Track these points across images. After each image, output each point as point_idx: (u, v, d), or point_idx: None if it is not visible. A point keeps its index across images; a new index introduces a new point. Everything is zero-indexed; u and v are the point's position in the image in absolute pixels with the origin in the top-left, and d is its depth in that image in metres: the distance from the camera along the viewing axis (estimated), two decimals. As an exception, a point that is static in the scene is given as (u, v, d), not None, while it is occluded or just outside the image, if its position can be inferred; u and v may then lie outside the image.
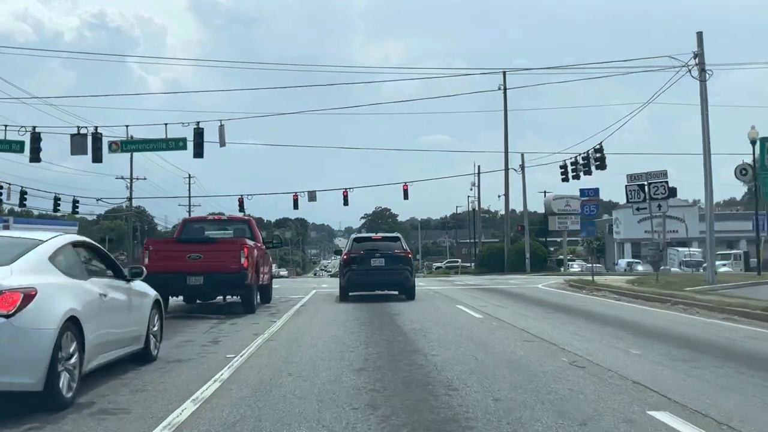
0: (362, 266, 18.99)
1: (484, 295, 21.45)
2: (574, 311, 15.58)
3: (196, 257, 14.70)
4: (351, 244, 19.69)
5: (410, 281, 19.26)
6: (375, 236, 20.38)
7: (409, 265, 19.22)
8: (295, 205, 56.01)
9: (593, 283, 24.62)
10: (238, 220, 18.71)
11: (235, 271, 14.72)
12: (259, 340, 10.72)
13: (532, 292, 23.44)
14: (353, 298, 19.78)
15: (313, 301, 20.04)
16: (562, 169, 45.31)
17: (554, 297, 20.60)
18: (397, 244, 19.60)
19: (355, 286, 19.26)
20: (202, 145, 28.12)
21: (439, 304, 17.95)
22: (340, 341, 10.53)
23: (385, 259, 19.04)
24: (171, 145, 28.59)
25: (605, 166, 38.50)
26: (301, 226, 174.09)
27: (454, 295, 21.90)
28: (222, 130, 27.97)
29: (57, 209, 51.32)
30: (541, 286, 26.98)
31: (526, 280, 35.43)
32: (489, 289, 25.47)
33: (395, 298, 20.12)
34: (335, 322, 13.50)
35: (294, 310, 16.42)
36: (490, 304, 17.51)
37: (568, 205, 59.17)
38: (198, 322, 13.62)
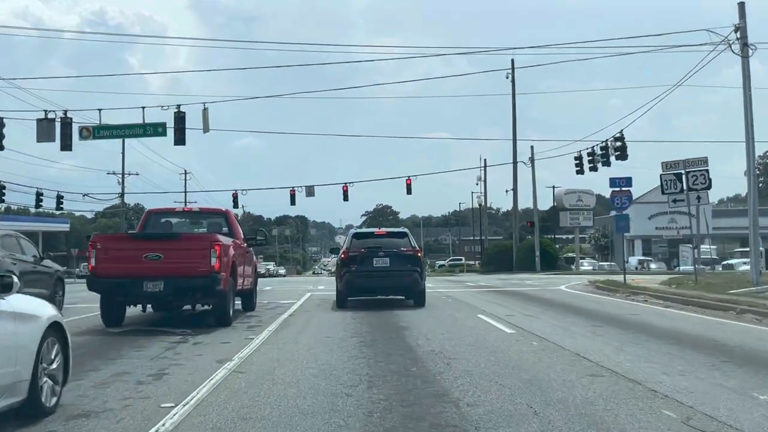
0: (363, 267, 16.04)
1: (504, 300, 18.48)
2: (626, 324, 12.60)
3: (155, 257, 11.74)
4: (350, 240, 16.72)
5: (420, 285, 16.30)
6: (378, 231, 17.39)
7: (418, 265, 16.26)
8: (292, 201, 53.27)
9: (626, 286, 21.64)
10: (213, 212, 15.73)
11: (204, 274, 11.78)
12: (221, 373, 7.77)
13: (557, 295, 20.47)
14: (353, 303, 16.84)
15: (306, 307, 17.07)
16: (576, 161, 42.37)
17: (588, 303, 17.62)
18: (404, 240, 16.63)
19: (355, 291, 16.31)
20: (183, 131, 25.16)
21: (455, 312, 14.97)
22: (332, 375, 7.57)
23: (391, 258, 16.08)
24: (149, 131, 25.63)
25: (626, 156, 35.52)
26: (301, 224, 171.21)
27: (470, 299, 18.94)
28: (206, 115, 24.99)
29: (39, 205, 48.38)
30: (564, 288, 24.01)
31: (542, 280, 32.43)
32: (506, 292, 22.50)
33: (402, 303, 17.18)
34: (328, 341, 10.53)
35: (280, 321, 13.47)
36: (516, 313, 14.55)
37: (580, 200, 56.24)
38: (151, 341, 10.65)
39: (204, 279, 11.78)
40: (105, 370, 8.08)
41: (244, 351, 9.45)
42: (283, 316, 14.69)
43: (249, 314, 15.22)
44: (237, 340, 10.76)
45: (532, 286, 26.30)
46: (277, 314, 15.10)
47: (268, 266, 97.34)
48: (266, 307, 17.13)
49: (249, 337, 10.98)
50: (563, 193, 56.38)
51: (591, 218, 60.31)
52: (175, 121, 25.12)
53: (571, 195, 55.95)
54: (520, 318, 13.52)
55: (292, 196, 52.99)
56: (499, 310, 15.16)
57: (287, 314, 15.08)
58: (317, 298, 20.35)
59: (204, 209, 15.46)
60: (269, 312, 15.73)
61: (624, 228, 23.19)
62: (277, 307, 17.31)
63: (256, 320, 13.87)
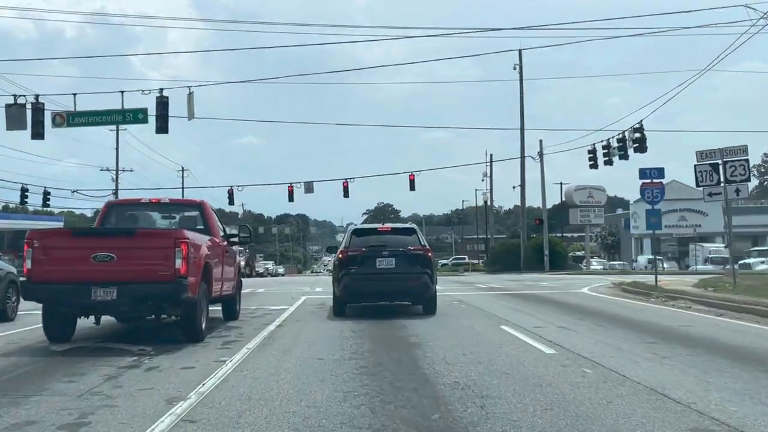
0: (364, 269, 13.76)
1: (525, 306, 16.18)
2: (687, 340, 10.29)
3: (106, 258, 9.44)
4: (349, 238, 14.41)
5: (431, 290, 14.01)
6: (382, 228, 15.05)
7: (428, 267, 13.97)
8: (291, 197, 51.09)
9: (659, 289, 19.33)
10: (187, 204, 13.40)
11: (167, 278, 9.50)
12: (166, 421, 5.50)
13: (584, 300, 18.17)
14: (352, 310, 14.57)
15: (298, 315, 14.77)
16: (590, 154, 40.09)
17: (625, 310, 15.29)
18: (412, 238, 14.32)
19: (355, 297, 14.02)
20: (166, 118, 22.86)
21: (472, 323, 12.66)
22: (319, 428, 5.28)
23: (397, 258, 13.79)
24: (128, 118, 23.34)
25: (646, 149, 33.26)
26: (302, 223, 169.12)
27: (485, 305, 16.63)
28: (191, 99, 22.71)
29: (24, 202, 46.12)
30: (587, 291, 21.71)
31: (558, 281, 30.09)
32: (524, 296, 20.20)
33: (409, 310, 14.92)
34: (320, 365, 8.24)
35: (265, 335, 11.18)
36: (546, 323, 12.25)
37: (591, 197, 53.94)
38: (95, 364, 8.36)
39: (167, 285, 9.49)
40: (5, 417, 5.79)
41: (207, 382, 7.17)
42: (269, 327, 12.39)
43: (230, 324, 12.93)
44: (204, 362, 8.47)
45: (549, 288, 23.99)
46: (264, 324, 12.81)
47: (267, 265, 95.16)
48: (252, 315, 14.84)
49: (221, 359, 8.70)
50: (573, 190, 54.02)
51: (602, 215, 57.96)
52: (157, 107, 22.84)
53: (582, 191, 53.60)
54: (554, 331, 11.22)
55: (291, 192, 50.88)
56: (525, 320, 12.85)
57: (275, 324, 12.79)
58: (313, 303, 18.07)
59: (175, 201, 13.09)
60: (254, 321, 13.44)
61: (656, 225, 20.89)
62: (265, 314, 15.02)
63: (236, 333, 11.57)
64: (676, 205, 77.91)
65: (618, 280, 25.14)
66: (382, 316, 14.12)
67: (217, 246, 12.01)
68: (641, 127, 32.98)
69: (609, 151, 37.15)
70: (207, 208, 12.31)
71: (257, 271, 79.39)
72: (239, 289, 14.24)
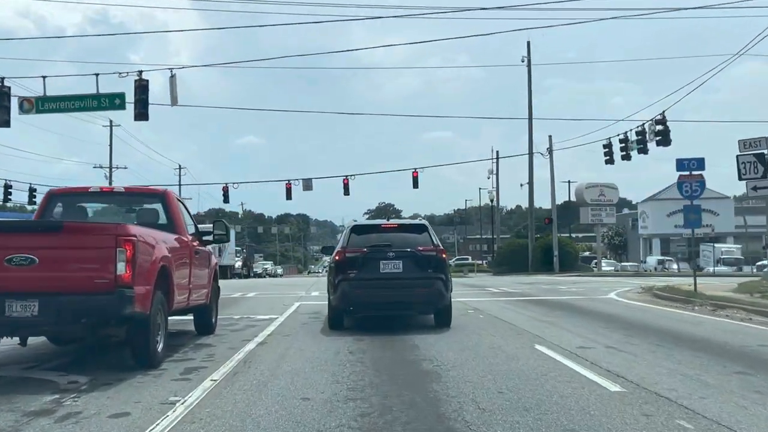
0: (365, 274, 11.44)
1: (554, 317, 13.85)
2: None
3: (25, 261, 7.13)
4: (347, 236, 12.07)
5: (445, 298, 11.70)
6: (386, 224, 12.66)
7: (442, 271, 11.66)
8: (288, 195, 48.73)
9: (699, 295, 17.00)
10: (145, 193, 10.97)
11: (105, 288, 7.20)
12: None
13: (621, 309, 15.83)
14: (351, 321, 12.29)
15: (287, 328, 12.43)
16: (605, 149, 37.76)
17: (679, 323, 12.94)
18: (422, 236, 11.99)
19: (354, 307, 11.69)
20: (146, 104, 20.53)
21: (499, 340, 10.32)
22: None
23: (404, 261, 11.46)
24: (104, 104, 21.02)
25: (669, 141, 30.84)
26: (302, 222, 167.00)
27: (506, 314, 14.31)
28: (173, 83, 20.38)
29: (8, 199, 43.84)
30: (615, 297, 19.38)
31: (576, 285, 27.70)
32: (547, 303, 17.87)
33: (419, 321, 12.64)
34: (304, 410, 5.94)
35: (240, 358, 8.88)
36: (591, 342, 9.94)
37: (603, 195, 51.61)
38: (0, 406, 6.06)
39: (104, 297, 7.18)
40: None
41: (135, 445, 4.86)
42: (248, 345, 10.07)
43: (201, 341, 10.62)
44: (148, 404, 6.18)
45: (570, 293, 21.66)
46: (243, 341, 10.50)
47: (265, 266, 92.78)
48: (233, 327, 12.53)
49: (171, 399, 6.41)
50: (584, 188, 51.64)
51: (614, 214, 55.59)
52: (136, 91, 20.52)
53: (593, 189, 51.24)
54: (604, 354, 8.90)
55: (288, 189, 48.52)
56: (562, 337, 10.53)
57: (256, 342, 10.47)
58: (306, 311, 15.76)
59: (132, 189, 10.66)
60: (232, 337, 11.12)
61: (695, 222, 18.58)
62: (248, 327, 12.71)
63: (205, 354, 9.26)
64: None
65: (646, 284, 22.81)
66: (386, 329, 11.83)
67: (184, 246, 9.70)
68: (664, 118, 30.60)
69: (626, 145, 34.80)
70: (171, 199, 9.97)
71: (255, 271, 77.19)
72: (216, 296, 11.92)
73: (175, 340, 10.71)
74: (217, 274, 12.01)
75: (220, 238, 11.05)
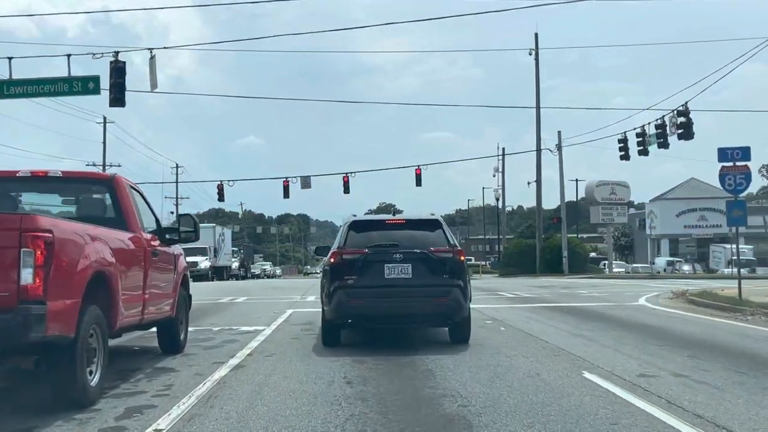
0: (366, 280, 9.37)
1: (590, 329, 11.78)
2: None
3: None
4: (345, 233, 9.97)
5: (464, 309, 9.62)
6: (392, 219, 10.50)
7: (460, 277, 9.58)
8: (286, 193, 46.67)
9: (749, 303, 14.93)
10: (88, 178, 8.75)
11: (3, 305, 5.13)
12: None
13: (665, 321, 13.73)
14: (349, 336, 10.26)
15: (272, 345, 10.34)
16: (620, 144, 35.69)
17: (747, 339, 10.80)
18: (436, 234, 9.91)
19: (353, 320, 9.60)
20: (123, 88, 18.48)
21: (535, 363, 8.24)
22: None
23: (414, 264, 9.38)
24: (76, 88, 18.94)
25: (692, 135, 28.74)
26: (302, 222, 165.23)
27: (533, 326, 12.24)
28: (153, 65, 18.33)
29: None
30: (648, 304, 17.30)
31: (595, 288, 25.58)
32: (574, 311, 15.79)
33: (431, 336, 10.60)
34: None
35: (202, 394, 6.81)
36: (651, 367, 7.88)
37: (614, 193, 49.52)
38: None
39: (2, 317, 5.13)
40: None
41: None
42: (221, 370, 8.02)
43: (163, 362, 8.56)
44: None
45: (594, 299, 19.59)
46: (215, 363, 8.46)
47: (264, 266, 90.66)
48: (207, 343, 10.46)
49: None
50: (594, 186, 49.50)
51: (626, 214, 53.49)
52: (111, 74, 18.48)
53: (604, 187, 49.10)
54: (677, 385, 6.85)
55: (286, 187, 46.52)
56: (611, 359, 8.46)
57: (232, 364, 8.42)
58: (299, 321, 13.71)
59: (70, 174, 8.47)
60: (203, 357, 9.05)
61: (739, 220, 16.49)
62: (226, 342, 10.64)
63: (161, 384, 7.19)
64: (696, 204, 73.60)
65: (678, 289, 20.72)
66: (391, 344, 9.82)
67: (138, 245, 7.65)
68: (686, 109, 28.51)
69: (644, 140, 32.73)
70: (121, 188, 7.88)
71: (253, 272, 75.14)
72: (185, 307, 9.84)
73: (130, 361, 8.68)
74: (188, 279, 9.94)
75: (187, 236, 8.97)
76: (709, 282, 30.68)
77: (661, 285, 27.92)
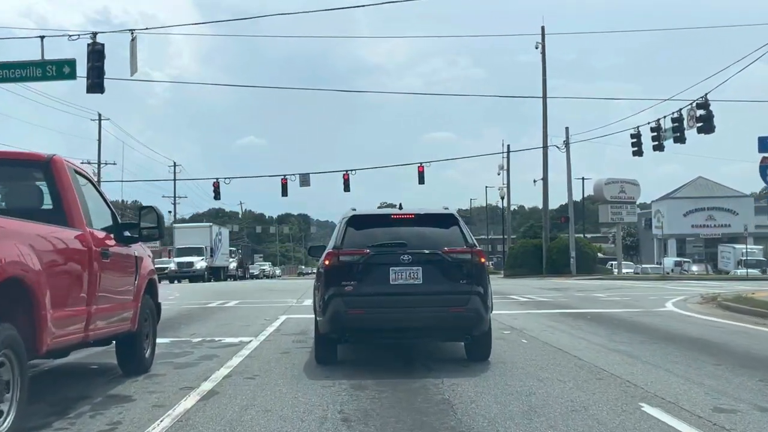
0: (368, 286, 7.81)
1: (626, 343, 10.20)
2: None
3: None
4: (343, 230, 8.38)
5: (484, 321, 8.05)
6: (399, 214, 8.73)
7: (481, 282, 8.01)
8: (284, 191, 45.21)
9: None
10: (20, 160, 7.05)
11: None
12: None
13: (707, 330, 12.12)
14: (347, 351, 8.71)
15: (256, 363, 8.77)
16: (633, 139, 34.17)
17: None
18: (451, 232, 8.32)
19: (351, 334, 8.02)
20: (101, 72, 16.92)
21: (578, 393, 6.66)
22: None
23: (426, 268, 7.82)
24: (49, 72, 17.38)
25: (713, 128, 27.19)
26: (303, 222, 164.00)
27: (561, 339, 10.67)
28: (134, 47, 16.75)
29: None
30: (676, 310, 15.72)
31: (611, 291, 24.00)
32: (600, 319, 14.21)
33: (443, 353, 9.05)
34: None
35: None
36: (731, 399, 6.32)
37: (623, 192, 47.91)
38: None
39: None
40: None
41: None
42: (187, 399, 6.45)
43: (119, 388, 6.99)
44: None
45: (616, 304, 18.03)
46: (183, 389, 6.90)
47: (263, 267, 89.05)
48: (182, 359, 8.90)
49: None
50: (603, 183, 47.86)
51: (635, 212, 51.89)
52: (89, 58, 16.93)
53: (613, 185, 47.47)
54: None
55: (284, 185, 45.07)
56: (668, 384, 6.89)
57: (203, 390, 6.85)
58: (292, 330, 12.17)
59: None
60: (171, 379, 7.48)
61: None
62: (204, 358, 9.07)
63: (104, 423, 5.62)
64: (703, 203, 71.94)
65: (708, 293, 19.11)
66: (397, 363, 8.27)
67: (81, 245, 6.08)
68: (706, 101, 26.95)
69: (659, 134, 31.20)
70: (61, 173, 6.30)
71: (252, 273, 73.55)
72: (152, 318, 8.26)
73: (78, 385, 7.12)
74: (155, 285, 8.35)
75: (149, 234, 7.40)
76: (728, 284, 29.16)
77: (679, 288, 26.37)
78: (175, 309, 17.59)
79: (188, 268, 49.27)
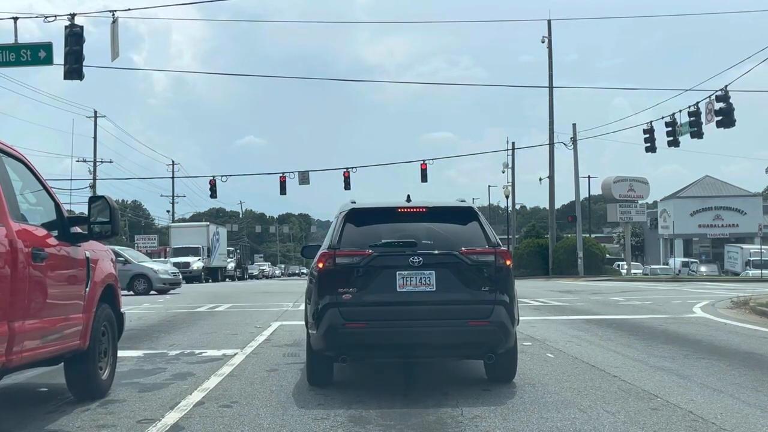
0: (370, 294, 6.48)
1: (668, 359, 8.85)
2: None
3: None
4: (340, 227, 7.02)
5: (511, 335, 6.68)
6: (406, 207, 7.27)
7: (506, 290, 6.66)
8: (282, 189, 43.94)
9: None
10: None
11: None
12: None
13: (751, 342, 10.80)
14: (345, 371, 7.37)
15: (234, 388, 7.39)
16: (646, 135, 32.80)
17: None
18: (470, 228, 6.97)
19: (350, 352, 6.66)
20: (80, 56, 15.56)
21: (638, 431, 5.29)
22: None
23: (440, 272, 6.48)
24: (24, 57, 15.99)
25: (733, 122, 25.82)
26: (304, 222, 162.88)
27: (593, 354, 9.31)
28: (115, 30, 15.40)
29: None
30: (705, 315, 14.35)
31: (626, 294, 22.63)
32: (627, 327, 12.84)
33: (458, 372, 7.70)
34: None
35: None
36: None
37: (632, 190, 46.54)
38: None
39: None
40: None
41: None
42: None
43: (55, 424, 5.60)
44: None
45: (638, 309, 16.68)
46: (142, 423, 5.55)
47: (262, 267, 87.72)
48: (149, 379, 7.53)
49: None
50: (612, 182, 46.47)
51: (644, 212, 50.51)
52: (66, 41, 15.59)
53: (622, 183, 46.08)
54: None
55: (282, 183, 43.81)
56: (743, 416, 5.55)
57: (165, 425, 5.49)
58: (283, 341, 10.83)
59: None
60: (130, 406, 6.12)
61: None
62: (175, 378, 7.70)
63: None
64: (711, 202, 70.45)
65: (737, 297, 17.73)
66: (406, 385, 6.90)
67: (2, 242, 4.73)
68: (726, 94, 25.58)
69: (674, 129, 29.83)
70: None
71: (251, 273, 72.22)
72: (111, 332, 6.88)
73: (11, 416, 5.75)
74: (115, 292, 6.98)
75: (103, 231, 6.05)
76: (744, 285, 27.79)
77: (698, 290, 25.01)
78: (160, 314, 16.26)
79: (184, 269, 47.95)
